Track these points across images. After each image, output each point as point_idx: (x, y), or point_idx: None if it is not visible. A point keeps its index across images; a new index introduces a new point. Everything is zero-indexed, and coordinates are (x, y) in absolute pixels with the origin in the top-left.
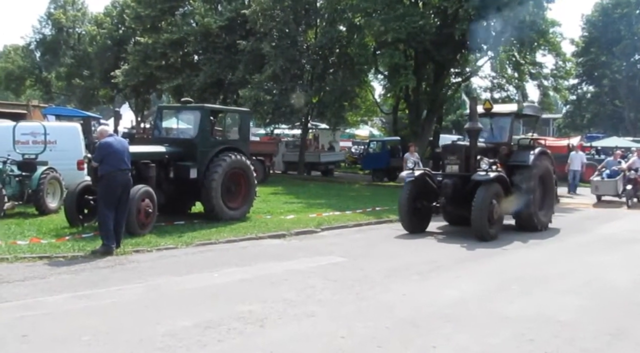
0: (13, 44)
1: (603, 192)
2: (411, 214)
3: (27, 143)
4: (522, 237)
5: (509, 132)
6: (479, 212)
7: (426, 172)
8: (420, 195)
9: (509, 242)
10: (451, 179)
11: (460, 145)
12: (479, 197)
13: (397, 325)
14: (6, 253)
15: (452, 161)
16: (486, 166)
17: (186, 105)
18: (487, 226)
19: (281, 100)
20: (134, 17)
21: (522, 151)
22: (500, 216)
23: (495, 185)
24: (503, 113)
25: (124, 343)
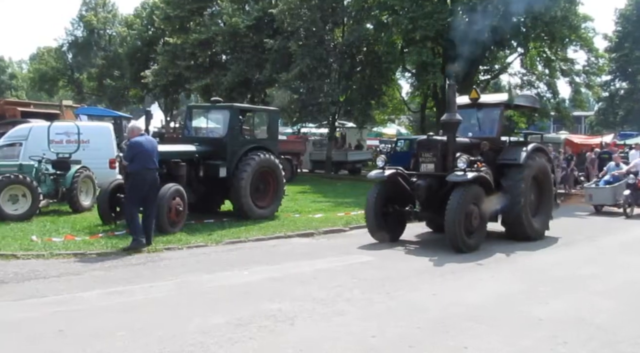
0: (46, 46)
1: (599, 202)
2: (380, 220)
3: (61, 142)
4: (507, 247)
5: (497, 126)
6: (453, 219)
7: (399, 172)
8: (392, 199)
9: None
10: (425, 180)
11: (436, 140)
12: (453, 201)
13: (427, 325)
14: (42, 250)
15: (427, 159)
16: (464, 164)
17: (216, 105)
18: (463, 235)
19: (308, 99)
20: (163, 18)
21: (513, 148)
22: (481, 224)
23: (474, 188)
24: (491, 103)
25: (157, 339)
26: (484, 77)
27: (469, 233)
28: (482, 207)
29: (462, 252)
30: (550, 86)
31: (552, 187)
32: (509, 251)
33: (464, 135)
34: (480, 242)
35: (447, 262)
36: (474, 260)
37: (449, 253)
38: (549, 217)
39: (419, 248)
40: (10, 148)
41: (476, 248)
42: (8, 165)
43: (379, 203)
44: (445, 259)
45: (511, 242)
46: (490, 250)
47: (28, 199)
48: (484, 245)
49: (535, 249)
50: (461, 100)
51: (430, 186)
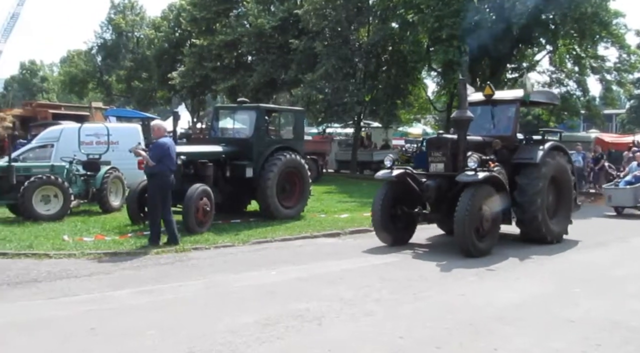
0: (76, 49)
1: (618, 203)
2: (387, 222)
3: (91, 144)
4: (528, 250)
5: (513, 123)
6: (462, 222)
7: (407, 171)
8: (401, 200)
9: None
10: (435, 180)
11: (446, 139)
12: (463, 203)
13: (456, 327)
14: (73, 249)
15: (436, 158)
16: (474, 164)
17: (242, 106)
18: (473, 238)
19: (333, 99)
20: (190, 20)
21: (530, 146)
22: (493, 226)
23: (485, 188)
24: (506, 100)
25: (186, 338)
26: (511, 75)
27: (479, 236)
28: (484, 208)
29: (472, 256)
30: (580, 84)
31: (571, 188)
32: (530, 254)
33: (478, 133)
34: (491, 246)
35: (474, 264)
36: (501, 261)
37: (502, 248)
38: (568, 219)
39: (443, 250)
40: (42, 149)
41: (487, 252)
42: (40, 166)
43: (387, 204)
44: (472, 261)
45: (527, 245)
46: (505, 254)
47: (60, 200)
48: (500, 249)
49: (556, 252)
50: (475, 96)
51: (440, 186)
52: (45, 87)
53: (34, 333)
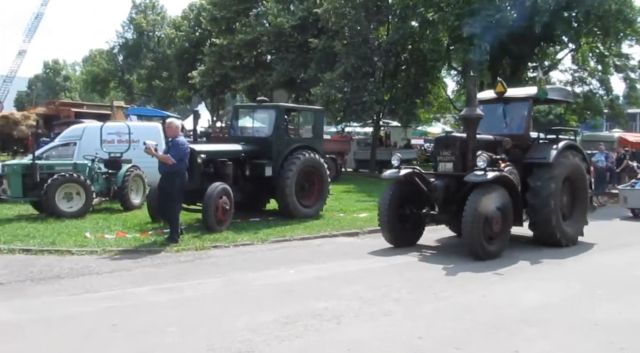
0: (98, 48)
1: (634, 205)
2: (394, 223)
3: (113, 142)
4: (539, 254)
5: (525, 121)
6: (471, 223)
7: (415, 171)
8: (409, 200)
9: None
10: (443, 180)
11: (455, 137)
12: (471, 204)
13: (476, 327)
14: (95, 246)
15: (445, 157)
16: (484, 163)
17: (261, 105)
18: (482, 241)
19: (353, 98)
20: (210, 19)
21: (543, 145)
22: (503, 228)
23: (495, 189)
24: (519, 98)
25: (206, 335)
26: (532, 74)
27: (489, 238)
28: (479, 208)
29: (481, 259)
30: (603, 82)
31: (587, 188)
32: (546, 256)
33: (490, 132)
34: (502, 249)
35: (492, 265)
36: (517, 263)
37: (513, 251)
38: (583, 221)
39: (460, 251)
40: (65, 147)
41: (497, 255)
42: (63, 164)
43: (394, 205)
44: (490, 262)
45: (541, 248)
46: (519, 256)
47: (82, 197)
48: (514, 252)
49: (572, 254)
50: (486, 94)
51: (448, 187)
52: (68, 86)
53: (57, 329)
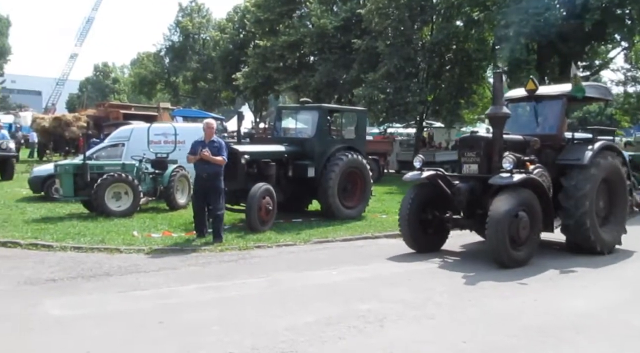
0: (146, 51)
1: None
2: (416, 228)
3: (160, 143)
4: (569, 262)
5: (559, 121)
6: (495, 228)
7: (439, 173)
8: (432, 204)
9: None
10: (467, 183)
11: (479, 138)
12: (495, 208)
13: (522, 333)
14: (142, 245)
15: (469, 159)
16: (510, 165)
17: (304, 106)
18: (508, 248)
19: (395, 99)
20: (254, 21)
21: (578, 146)
22: (532, 234)
23: (522, 192)
24: (552, 95)
25: (249, 334)
26: (583, 73)
27: (516, 245)
28: (504, 212)
29: (506, 267)
30: None
31: (626, 192)
32: (588, 263)
33: (522, 132)
34: (529, 256)
35: (545, 268)
36: (552, 270)
37: (545, 259)
38: (622, 228)
39: None
40: (114, 148)
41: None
42: (112, 164)
43: (415, 209)
44: (544, 264)
45: (574, 255)
46: (558, 264)
47: (130, 197)
48: (552, 258)
49: (612, 262)
50: (517, 92)
51: (473, 190)
52: (117, 88)
53: (107, 325)
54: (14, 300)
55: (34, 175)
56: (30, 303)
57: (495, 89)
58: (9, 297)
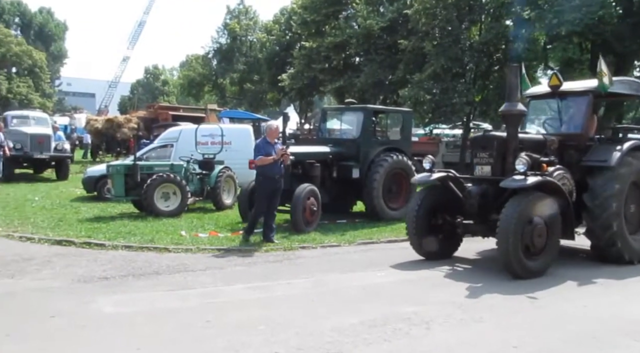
0: (194, 53)
1: None
2: (425, 233)
3: (207, 144)
4: (589, 273)
5: (584, 119)
6: (506, 236)
7: (450, 175)
8: (444, 208)
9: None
10: (479, 186)
11: (492, 137)
12: (507, 213)
13: (575, 339)
14: (190, 245)
15: (482, 160)
16: (524, 167)
17: (349, 106)
18: (521, 257)
19: (442, 100)
20: (300, 23)
21: (604, 146)
22: (550, 242)
23: (538, 196)
24: (577, 92)
25: (295, 335)
26: (639, 73)
27: (530, 254)
28: (517, 218)
29: (519, 278)
30: None
31: None
32: (610, 274)
33: (546, 131)
34: (546, 266)
35: (598, 273)
36: (630, 271)
37: (598, 264)
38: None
39: (563, 257)
40: (163, 149)
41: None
42: (161, 165)
43: (424, 213)
44: (597, 270)
45: (598, 264)
46: (580, 274)
47: (178, 197)
48: (572, 269)
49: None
50: (541, 88)
51: (485, 193)
52: (166, 90)
53: (157, 322)
54: (69, 297)
55: (88, 176)
56: (84, 301)
57: (511, 84)
58: (64, 294)
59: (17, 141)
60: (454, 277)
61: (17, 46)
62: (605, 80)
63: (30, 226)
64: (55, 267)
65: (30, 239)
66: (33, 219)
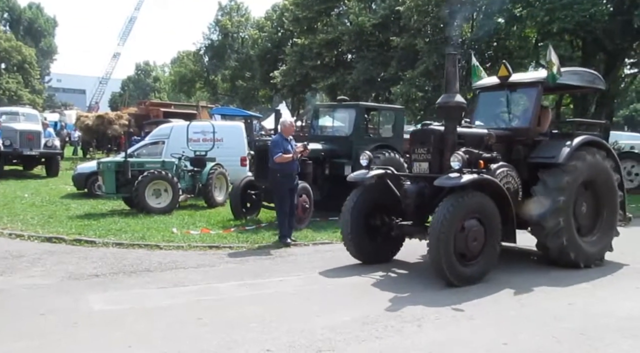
0: (186, 50)
1: None
2: (361, 235)
3: (198, 141)
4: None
5: (532, 112)
6: (437, 240)
7: (388, 172)
8: (383, 208)
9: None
10: (416, 184)
11: (431, 131)
12: (439, 215)
13: (566, 336)
14: (181, 242)
15: (420, 156)
16: (459, 164)
17: (341, 104)
18: (453, 262)
19: (434, 97)
20: (292, 20)
21: (554, 142)
22: (487, 246)
23: (474, 196)
24: (526, 83)
25: (286, 332)
26: (630, 71)
27: (465, 259)
28: (449, 220)
29: (452, 285)
30: None
31: (615, 194)
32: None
33: (497, 125)
34: (483, 272)
35: (588, 271)
36: (617, 269)
37: None
38: (611, 235)
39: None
40: (154, 146)
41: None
42: (152, 161)
43: (359, 213)
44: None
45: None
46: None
47: (169, 194)
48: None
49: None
50: (490, 80)
51: (422, 192)
52: (157, 87)
53: (148, 320)
54: (59, 294)
55: (78, 172)
56: (75, 298)
57: (448, 74)
58: (54, 291)
59: (7, 137)
60: None
61: (6, 42)
62: (555, 71)
63: (20, 223)
64: (46, 264)
65: (20, 236)
66: (23, 216)
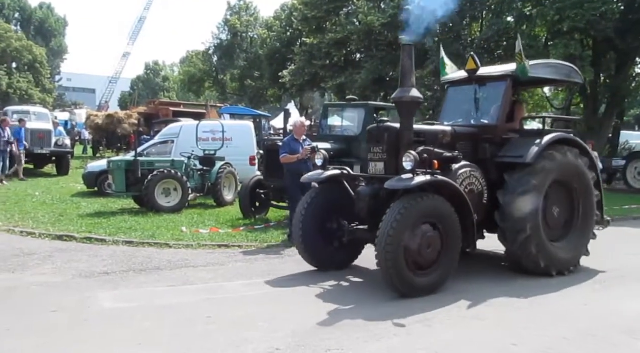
0: (195, 49)
1: None
2: (314, 240)
3: (208, 140)
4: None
5: (500, 108)
6: (385, 247)
7: (344, 173)
8: (341, 210)
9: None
10: (371, 186)
11: (385, 129)
12: (387, 220)
13: (575, 336)
14: (191, 241)
15: (376, 155)
16: (411, 164)
17: (351, 103)
18: (403, 271)
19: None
20: (301, 19)
21: (522, 140)
22: (444, 254)
23: (429, 199)
24: (494, 77)
25: (295, 331)
26: None
27: (419, 267)
28: (399, 226)
29: (405, 296)
30: None
31: (591, 196)
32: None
33: (466, 122)
34: (442, 281)
35: (599, 272)
36: (625, 269)
37: (602, 262)
38: (586, 239)
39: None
40: (164, 145)
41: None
42: (162, 161)
43: (313, 216)
44: (597, 268)
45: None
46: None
47: (179, 193)
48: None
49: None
50: (458, 74)
51: (377, 194)
52: (167, 86)
53: (158, 318)
54: (70, 292)
55: (88, 171)
56: (85, 296)
57: (404, 67)
58: (65, 289)
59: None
60: (459, 274)
61: (17, 41)
62: (526, 63)
63: (31, 221)
64: (56, 262)
65: (31, 234)
66: (34, 214)
